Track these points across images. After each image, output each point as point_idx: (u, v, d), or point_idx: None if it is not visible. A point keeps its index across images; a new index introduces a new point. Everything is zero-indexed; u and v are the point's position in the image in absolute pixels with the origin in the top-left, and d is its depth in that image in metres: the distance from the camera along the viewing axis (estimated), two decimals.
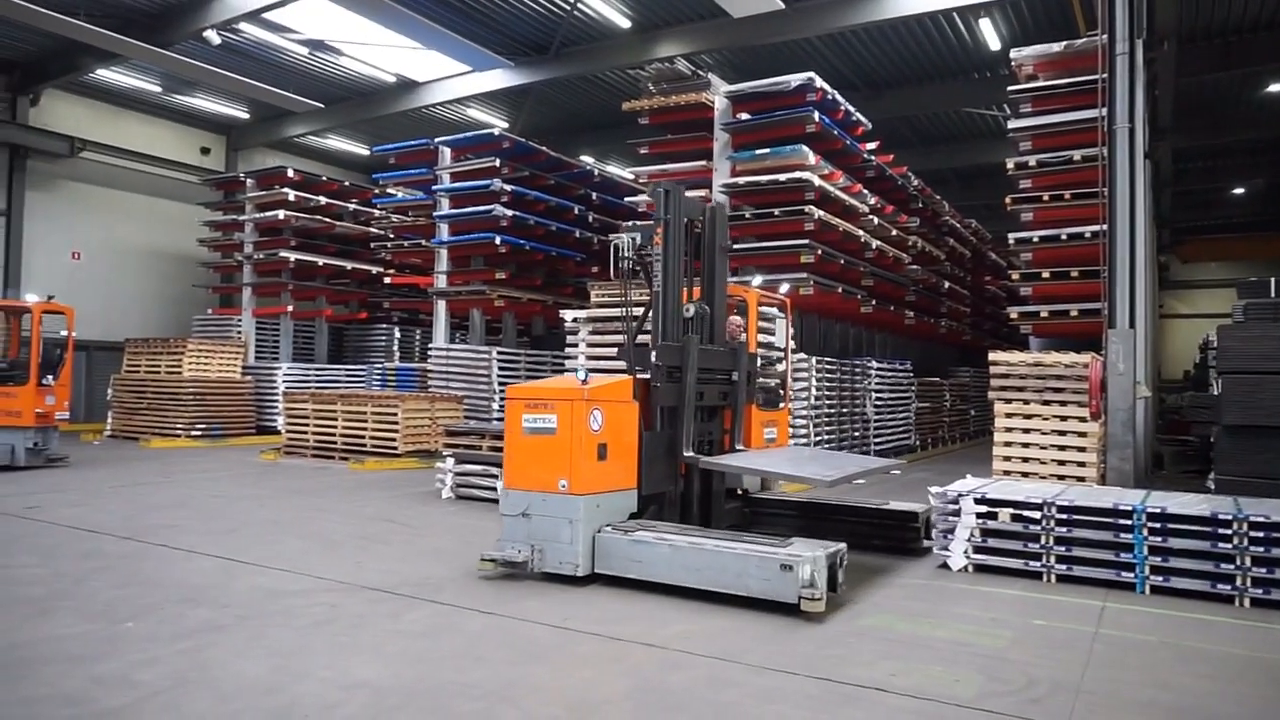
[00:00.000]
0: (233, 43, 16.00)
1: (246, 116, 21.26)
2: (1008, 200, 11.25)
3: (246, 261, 18.30)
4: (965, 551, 6.49)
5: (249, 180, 18.44)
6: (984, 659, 4.50)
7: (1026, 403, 9.23)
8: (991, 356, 9.61)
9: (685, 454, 6.43)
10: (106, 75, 18.04)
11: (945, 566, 6.54)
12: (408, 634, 4.74)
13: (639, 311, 6.89)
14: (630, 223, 13.30)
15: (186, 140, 21.46)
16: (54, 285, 16.08)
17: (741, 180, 12.06)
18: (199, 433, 15.52)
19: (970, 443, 19.22)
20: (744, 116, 12.32)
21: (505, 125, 20.28)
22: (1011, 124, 11.34)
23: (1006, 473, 9.08)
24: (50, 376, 11.79)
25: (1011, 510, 6.33)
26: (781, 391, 8.24)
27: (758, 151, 11.97)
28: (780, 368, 8.76)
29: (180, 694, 3.77)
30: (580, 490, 5.82)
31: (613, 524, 5.93)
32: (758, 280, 9.61)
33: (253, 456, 13.73)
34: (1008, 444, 9.18)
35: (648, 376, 6.38)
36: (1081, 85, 10.34)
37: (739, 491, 7.63)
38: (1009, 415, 9.23)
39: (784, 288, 10.87)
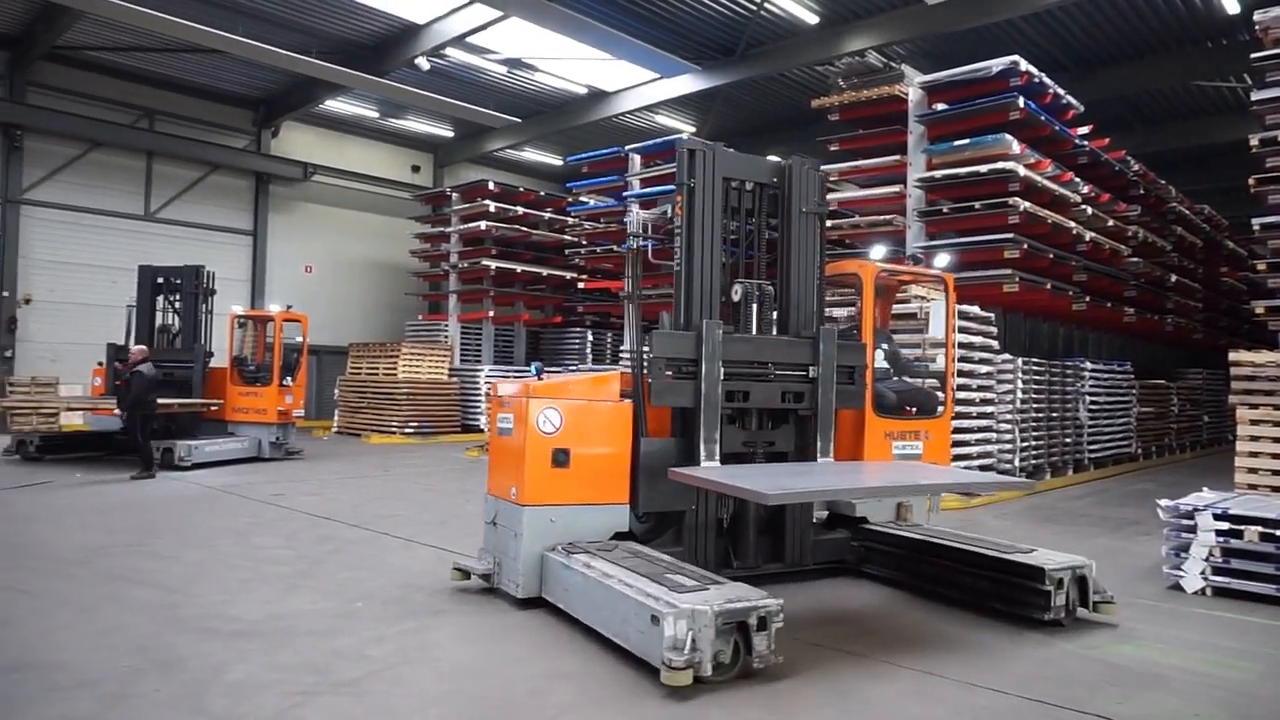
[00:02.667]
0: (440, 67, 17.16)
1: (451, 134, 22.77)
2: (1251, 181, 10.04)
3: (452, 270, 19.60)
4: (1202, 573, 5.88)
5: (454, 194, 19.73)
6: (1227, 693, 4.06)
7: (1278, 408, 8.20)
8: (1232, 356, 8.62)
9: (701, 466, 5.26)
10: (332, 105, 19.91)
11: (1178, 588, 5.95)
12: None
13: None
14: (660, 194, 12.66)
15: (399, 159, 23.29)
16: (290, 296, 17.97)
17: (938, 174, 11.52)
18: (411, 430, 16.77)
19: (1202, 452, 17.38)
20: (940, 107, 11.77)
21: (693, 129, 20.50)
22: (1255, 95, 10.07)
23: (1252, 486, 8.09)
24: (289, 378, 13.16)
25: (1260, 529, 5.66)
26: (940, 394, 6.77)
27: (956, 143, 11.38)
28: (938, 364, 7.09)
29: (405, 670, 4.10)
30: (527, 500, 5.10)
31: (570, 543, 5.09)
32: (879, 252, 7.83)
33: (458, 453, 14.66)
34: (1253, 454, 8.18)
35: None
36: None
37: (860, 522, 6.23)
38: (1255, 422, 8.23)
39: (941, 260, 8.93)
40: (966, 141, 11.24)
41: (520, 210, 19.07)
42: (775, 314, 5.85)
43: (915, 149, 11.85)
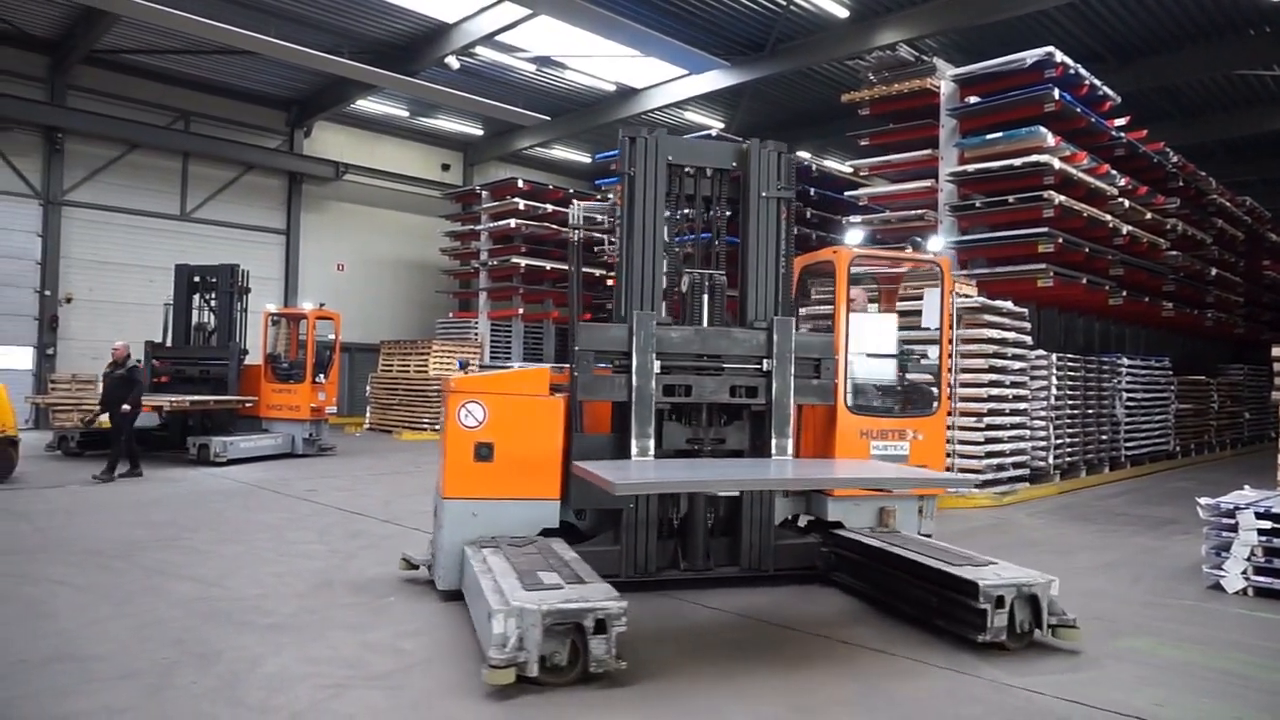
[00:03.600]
0: (470, 66, 17.25)
1: (481, 133, 22.88)
2: None
3: (482, 268, 19.72)
4: (1243, 573, 5.75)
5: (483, 192, 19.84)
6: (1273, 696, 3.97)
7: None
8: (1276, 351, 8.43)
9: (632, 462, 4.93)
10: (364, 105, 20.09)
11: (1218, 588, 5.83)
12: None
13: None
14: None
15: (429, 158, 23.46)
16: (322, 294, 18.17)
17: (971, 168, 11.38)
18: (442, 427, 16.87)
19: (1243, 450, 17.00)
20: (973, 100, 11.62)
21: (721, 126, 20.42)
22: None
23: None
24: (322, 375, 13.31)
25: None
26: (934, 390, 6.25)
27: (989, 136, 11.25)
28: (930, 358, 6.49)
29: (440, 665, 4.14)
30: (448, 493, 5.14)
31: (493, 537, 5.06)
32: (855, 237, 7.21)
33: None
34: None
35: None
36: None
37: (832, 527, 5.79)
38: None
39: (936, 244, 8.19)
40: (1000, 135, 11.11)
41: (549, 208, 19.12)
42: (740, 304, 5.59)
43: (947, 143, 11.72)
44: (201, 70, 18.21)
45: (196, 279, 13.72)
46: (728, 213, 5.75)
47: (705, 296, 5.43)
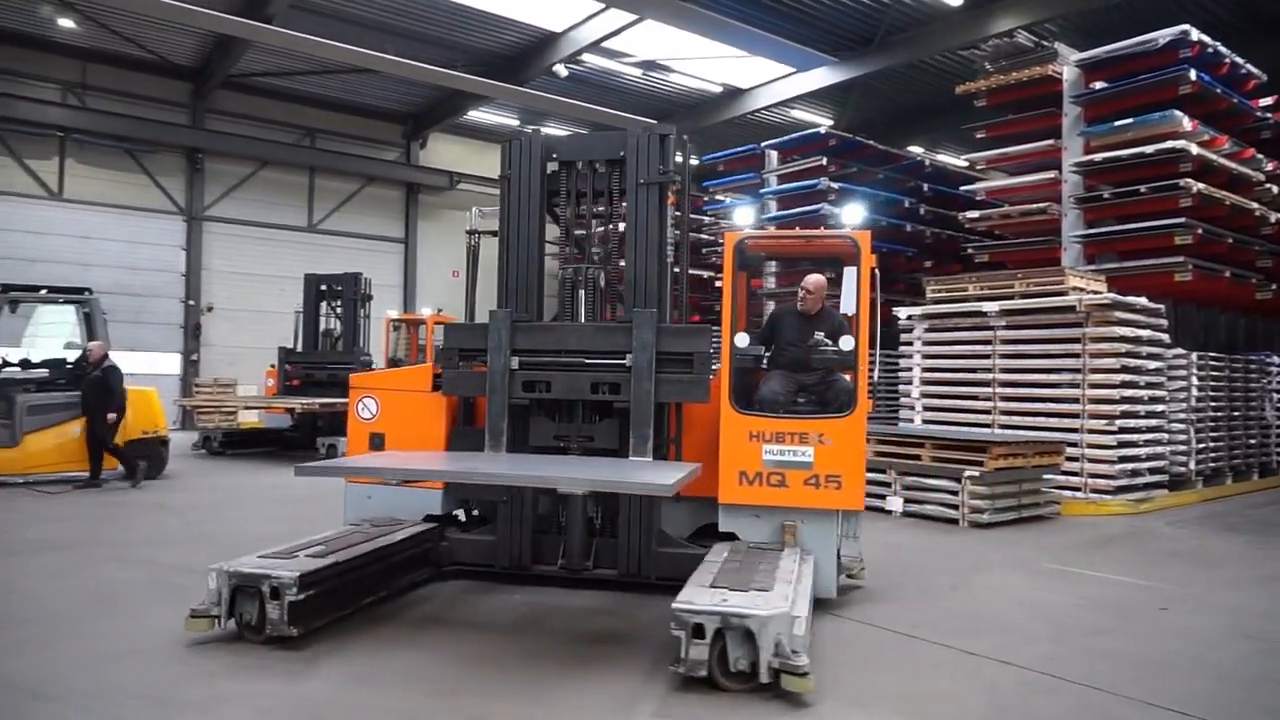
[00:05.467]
0: (577, 73, 17.55)
1: None
2: None
3: None
4: None
5: None
6: None
7: None
8: None
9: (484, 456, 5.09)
10: (475, 115, 20.71)
11: None
12: None
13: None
14: None
15: None
16: (439, 299, 18.83)
17: (1098, 157, 10.83)
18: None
19: None
20: (1099, 85, 11.06)
21: (830, 123, 20.08)
22: None
23: None
24: None
25: None
26: (850, 384, 5.34)
27: (1117, 123, 10.68)
28: (846, 347, 5.37)
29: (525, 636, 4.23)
30: (349, 479, 5.60)
31: (369, 519, 5.46)
32: (747, 217, 5.92)
33: None
34: None
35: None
36: None
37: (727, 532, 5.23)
38: None
39: (853, 215, 6.87)
40: (1130, 121, 10.55)
41: None
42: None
43: (1071, 132, 11.20)
44: (325, 89, 19.20)
45: (323, 287, 14.41)
46: (624, 205, 5.54)
47: (583, 292, 5.39)
